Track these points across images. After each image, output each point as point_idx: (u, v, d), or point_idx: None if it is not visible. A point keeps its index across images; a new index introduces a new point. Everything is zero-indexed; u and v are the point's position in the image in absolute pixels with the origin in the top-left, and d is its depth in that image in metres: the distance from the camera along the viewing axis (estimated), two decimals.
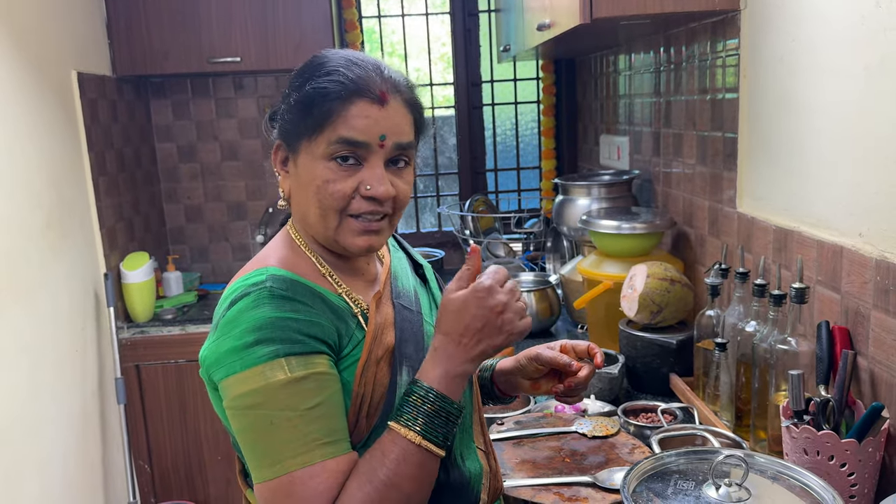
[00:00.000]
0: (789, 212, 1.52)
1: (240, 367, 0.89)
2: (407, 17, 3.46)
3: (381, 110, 0.96)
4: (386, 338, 1.01)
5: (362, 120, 0.95)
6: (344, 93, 0.95)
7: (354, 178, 0.97)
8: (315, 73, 0.99)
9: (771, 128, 1.58)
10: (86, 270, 2.57)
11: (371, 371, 0.97)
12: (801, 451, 1.18)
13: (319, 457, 0.88)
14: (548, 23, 1.94)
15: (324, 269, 1.03)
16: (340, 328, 0.97)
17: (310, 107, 0.96)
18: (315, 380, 0.90)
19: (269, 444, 0.88)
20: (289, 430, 0.88)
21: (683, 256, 2.08)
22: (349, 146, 0.95)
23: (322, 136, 0.96)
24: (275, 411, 0.88)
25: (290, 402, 0.88)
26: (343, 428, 0.93)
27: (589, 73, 3.11)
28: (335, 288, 1.02)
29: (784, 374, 1.34)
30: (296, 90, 1.00)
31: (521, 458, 1.30)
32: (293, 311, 0.92)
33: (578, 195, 2.37)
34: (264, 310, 0.91)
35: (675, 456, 0.98)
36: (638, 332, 1.79)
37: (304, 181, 0.99)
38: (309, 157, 0.98)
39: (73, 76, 2.55)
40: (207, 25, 2.84)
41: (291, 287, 0.94)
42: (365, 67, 0.98)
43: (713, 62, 1.84)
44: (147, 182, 3.17)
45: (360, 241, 1.00)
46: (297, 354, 0.89)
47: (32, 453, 2.15)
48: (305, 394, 0.89)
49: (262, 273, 0.96)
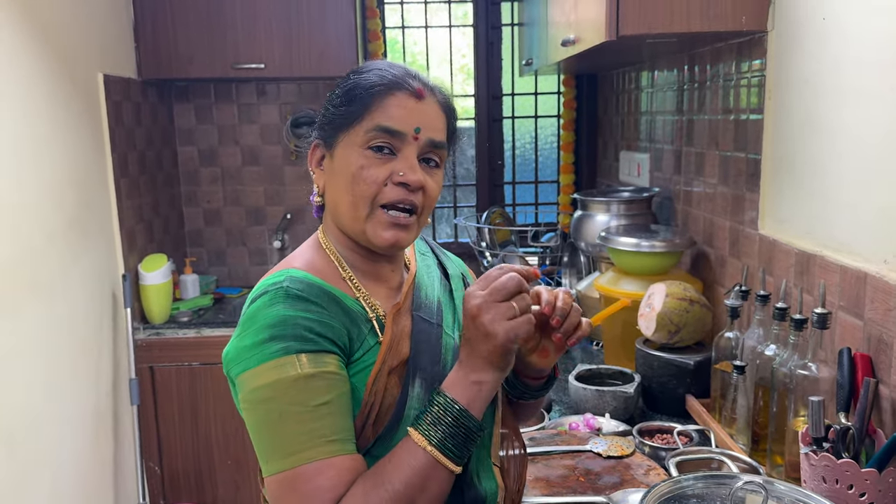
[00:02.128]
0: (812, 235, 1.51)
1: (254, 362, 0.92)
2: (430, 28, 3.47)
3: (417, 103, 1.01)
4: (401, 349, 1.01)
5: (399, 110, 0.99)
6: (383, 84, 1.00)
7: (388, 166, 1.00)
8: (357, 72, 1.05)
9: (795, 149, 1.57)
10: (104, 271, 2.59)
11: (382, 381, 0.98)
12: (820, 478, 1.17)
13: (326, 453, 0.89)
14: (572, 38, 1.94)
15: (345, 272, 1.05)
16: (352, 332, 0.98)
17: (351, 98, 1.01)
18: (325, 378, 0.92)
19: (278, 437, 0.90)
20: (297, 424, 0.90)
21: (702, 276, 2.07)
22: (386, 134, 0.99)
23: (360, 124, 1.00)
24: (285, 406, 0.90)
25: (299, 398, 0.90)
26: (350, 428, 0.94)
27: (611, 89, 3.11)
28: (353, 292, 1.03)
29: (803, 399, 1.33)
30: (340, 86, 1.05)
31: (534, 476, 1.29)
32: (305, 310, 0.94)
33: (597, 211, 2.36)
34: (278, 308, 0.94)
35: (692, 480, 0.97)
36: (655, 351, 1.77)
37: (339, 170, 1.02)
38: (346, 148, 1.01)
39: (100, 78, 2.58)
40: (232, 31, 2.87)
41: (307, 288, 0.97)
42: (404, 69, 1.04)
43: (738, 82, 1.83)
44: (167, 184, 3.19)
45: (387, 234, 1.01)
46: (308, 352, 0.91)
47: (45, 451, 2.16)
48: (315, 390, 0.90)
49: (283, 274, 0.99)
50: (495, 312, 0.89)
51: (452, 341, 1.10)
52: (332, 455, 0.89)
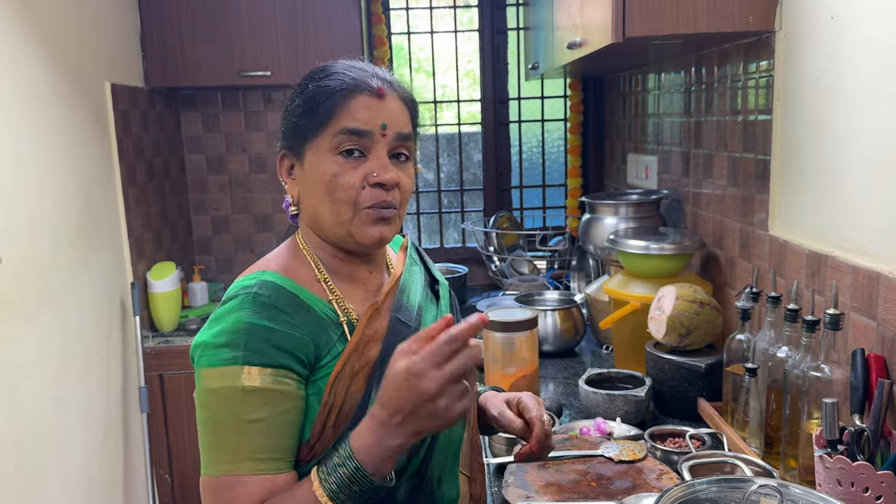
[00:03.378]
0: (823, 236, 1.50)
1: (207, 362, 0.95)
2: (435, 34, 3.47)
3: (379, 102, 1.01)
4: (369, 351, 1.02)
5: (363, 111, 1.00)
6: (344, 88, 1.01)
7: (360, 169, 1.01)
8: (314, 78, 1.05)
9: (805, 150, 1.56)
10: (113, 279, 2.60)
11: (343, 383, 0.99)
12: (835, 481, 1.15)
13: (248, 470, 0.92)
14: (579, 41, 1.94)
15: (321, 274, 1.06)
16: (319, 340, 0.99)
17: (314, 105, 1.01)
18: (266, 395, 0.93)
19: (211, 443, 0.94)
20: (227, 436, 0.93)
21: (712, 278, 2.05)
22: (353, 136, 1.00)
23: (326, 130, 1.00)
24: (221, 415, 0.93)
25: (236, 410, 0.92)
26: (284, 448, 0.95)
27: (617, 92, 3.10)
28: (327, 294, 1.04)
29: (817, 401, 1.31)
30: (299, 94, 1.05)
31: (546, 481, 1.28)
32: (270, 319, 0.95)
33: (606, 214, 2.35)
34: (243, 314, 0.95)
35: (706, 484, 0.96)
36: (665, 354, 1.76)
37: (313, 179, 1.02)
38: (315, 155, 1.02)
39: (107, 87, 2.59)
40: (239, 39, 2.88)
41: (276, 294, 0.98)
42: (362, 69, 1.05)
43: (746, 83, 1.82)
44: (175, 193, 3.20)
45: (373, 230, 1.02)
46: (257, 365, 0.93)
47: (55, 459, 2.17)
48: (252, 406, 0.92)
49: (255, 278, 1.01)
50: (449, 397, 0.84)
51: None
52: (254, 473, 0.92)
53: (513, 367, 1.83)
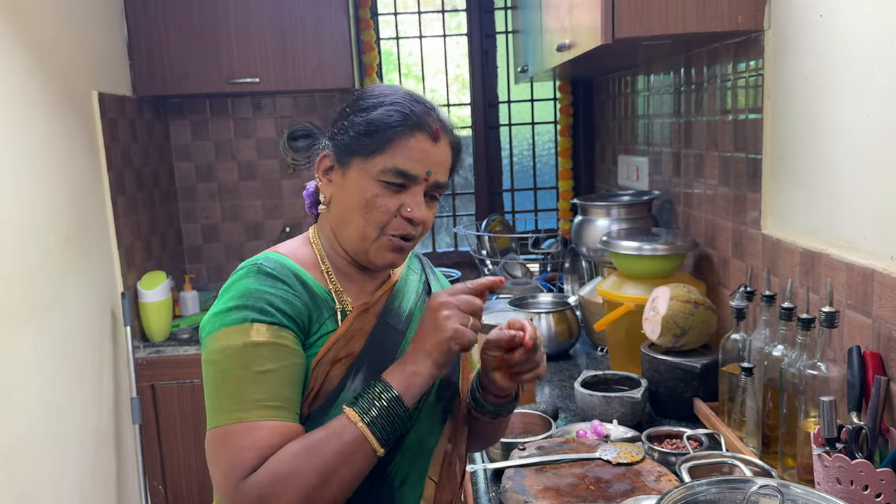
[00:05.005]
0: (817, 234, 1.50)
1: (215, 327, 1.00)
2: (424, 38, 3.46)
3: (433, 146, 1.08)
4: (354, 344, 1.08)
5: (417, 153, 1.06)
6: (407, 124, 1.06)
7: (398, 198, 1.07)
8: (382, 102, 1.09)
9: (796, 148, 1.56)
10: (103, 289, 2.57)
11: (324, 368, 1.04)
12: (834, 480, 1.15)
13: (258, 416, 0.96)
14: (568, 43, 1.93)
15: (324, 265, 1.13)
16: (313, 314, 1.06)
17: (374, 130, 1.07)
18: (273, 348, 0.99)
19: (219, 396, 0.98)
20: (237, 385, 0.97)
21: (705, 278, 2.05)
22: (401, 176, 1.06)
23: (379, 158, 1.06)
24: (229, 367, 0.97)
25: (244, 362, 0.97)
26: (291, 398, 1.00)
27: (607, 94, 3.11)
28: (327, 284, 1.11)
29: (813, 399, 1.31)
30: (361, 111, 1.10)
31: (544, 486, 1.27)
32: (272, 286, 1.02)
33: (598, 216, 2.35)
34: (248, 281, 1.03)
35: (706, 485, 0.95)
36: (661, 355, 1.76)
37: (352, 192, 1.08)
38: (361, 174, 1.07)
39: (94, 96, 2.57)
40: (227, 47, 2.87)
41: (279, 268, 1.05)
42: (425, 105, 1.10)
43: (735, 82, 1.83)
44: (165, 201, 3.18)
45: (389, 256, 1.10)
46: (264, 323, 0.99)
47: (47, 472, 2.14)
48: (260, 358, 0.97)
49: (263, 255, 1.09)
50: (452, 313, 0.99)
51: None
52: (263, 419, 0.96)
53: None
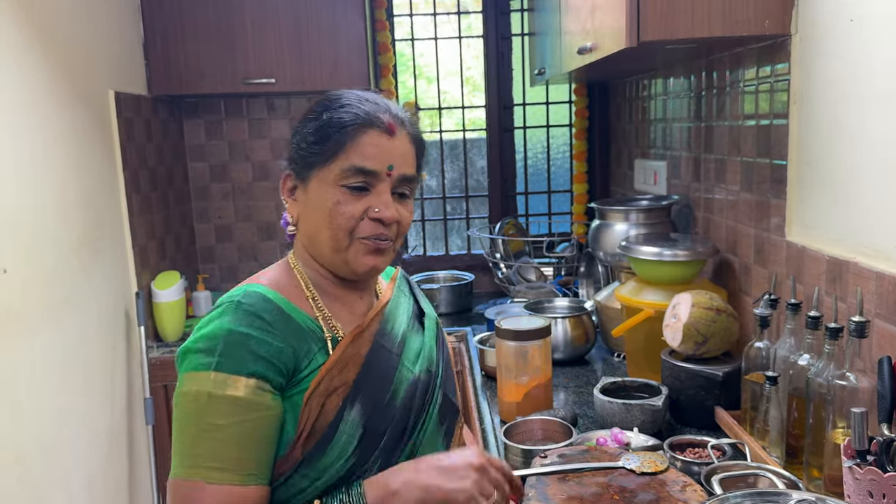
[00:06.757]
0: (844, 241, 1.47)
1: (184, 367, 0.98)
2: (439, 40, 3.45)
3: (389, 140, 1.05)
4: (349, 371, 1.04)
5: (373, 149, 1.04)
6: (357, 122, 1.04)
7: (363, 201, 1.05)
8: (328, 107, 1.07)
9: (823, 154, 1.54)
10: (117, 289, 2.57)
11: (319, 399, 1.00)
12: (866, 493, 1.13)
13: (199, 476, 0.93)
14: (589, 46, 1.92)
15: (309, 292, 1.09)
16: (300, 350, 1.01)
17: (325, 136, 1.04)
18: (232, 403, 0.94)
19: (176, 443, 0.96)
20: (187, 440, 0.95)
21: (726, 285, 2.03)
22: (361, 174, 1.03)
23: (335, 163, 1.04)
24: (186, 415, 0.95)
25: (197, 412, 0.94)
26: (246, 459, 0.95)
27: (623, 97, 3.09)
28: (314, 311, 1.07)
29: (841, 410, 1.29)
30: (312, 121, 1.08)
31: (567, 495, 1.26)
32: (249, 325, 0.98)
33: (616, 220, 2.33)
34: (224, 321, 0.98)
35: (740, 497, 0.94)
36: (682, 362, 1.73)
37: (315, 205, 1.06)
38: (320, 184, 1.05)
39: (110, 95, 2.56)
40: (243, 47, 2.86)
41: (260, 303, 1.01)
42: (375, 102, 1.08)
43: (759, 87, 1.80)
44: (179, 201, 3.17)
45: (368, 259, 1.07)
46: (229, 372, 0.95)
47: (59, 472, 2.13)
48: (215, 412, 0.94)
49: (242, 289, 1.04)
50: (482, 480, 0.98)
51: (411, 375, 1.12)
52: (206, 481, 0.93)
53: (526, 377, 1.80)
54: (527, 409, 1.78)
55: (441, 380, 1.18)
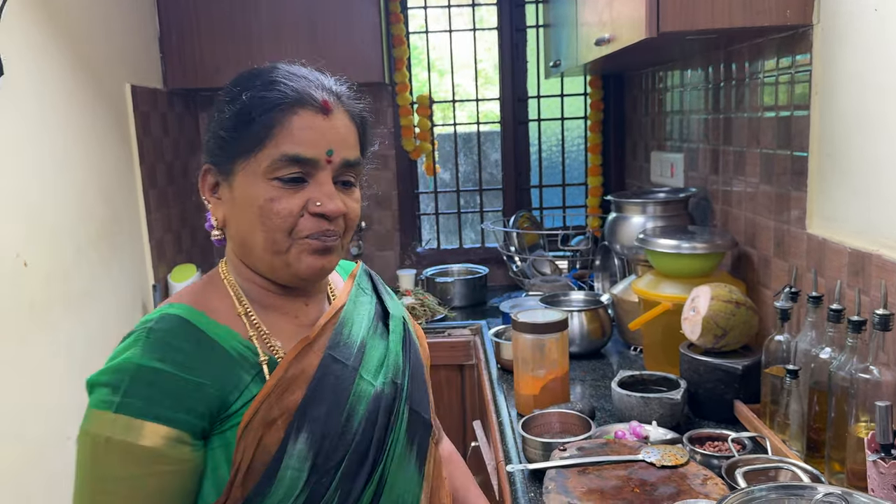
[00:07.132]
0: (867, 234, 1.46)
1: (90, 401, 0.86)
2: (454, 32, 3.44)
3: (325, 121, 0.90)
4: (291, 395, 0.89)
5: (307, 132, 0.88)
6: (285, 102, 0.88)
7: (301, 194, 0.89)
8: (250, 84, 0.91)
9: (845, 146, 1.52)
10: (134, 282, 2.58)
11: (255, 433, 0.86)
12: (890, 487, 1.12)
13: None
14: (607, 37, 1.90)
15: (241, 307, 0.94)
16: (227, 383, 0.87)
17: (247, 120, 0.89)
18: (129, 452, 0.82)
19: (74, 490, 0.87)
20: (80, 488, 0.86)
21: (745, 278, 2.01)
22: (295, 164, 0.88)
23: (263, 152, 0.88)
24: (81, 460, 0.86)
25: (93, 460, 0.84)
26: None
27: (639, 89, 3.07)
28: (246, 330, 0.93)
29: (865, 404, 1.28)
30: (229, 103, 0.91)
31: (587, 487, 1.26)
32: (161, 359, 0.84)
33: (633, 213, 2.32)
34: (134, 352, 0.86)
35: (765, 490, 0.93)
36: (701, 356, 1.72)
37: (243, 203, 0.90)
38: (247, 177, 0.89)
39: (127, 89, 2.57)
40: (258, 40, 2.86)
41: (175, 330, 0.88)
42: (305, 77, 0.93)
43: (779, 78, 1.79)
44: (194, 194, 3.18)
45: (312, 261, 0.91)
46: (130, 415, 0.82)
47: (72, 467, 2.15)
48: (107, 461, 0.83)
49: (159, 311, 0.91)
50: None
51: (371, 388, 0.97)
52: None
53: (543, 370, 1.80)
54: (544, 402, 1.78)
55: (408, 392, 1.02)
